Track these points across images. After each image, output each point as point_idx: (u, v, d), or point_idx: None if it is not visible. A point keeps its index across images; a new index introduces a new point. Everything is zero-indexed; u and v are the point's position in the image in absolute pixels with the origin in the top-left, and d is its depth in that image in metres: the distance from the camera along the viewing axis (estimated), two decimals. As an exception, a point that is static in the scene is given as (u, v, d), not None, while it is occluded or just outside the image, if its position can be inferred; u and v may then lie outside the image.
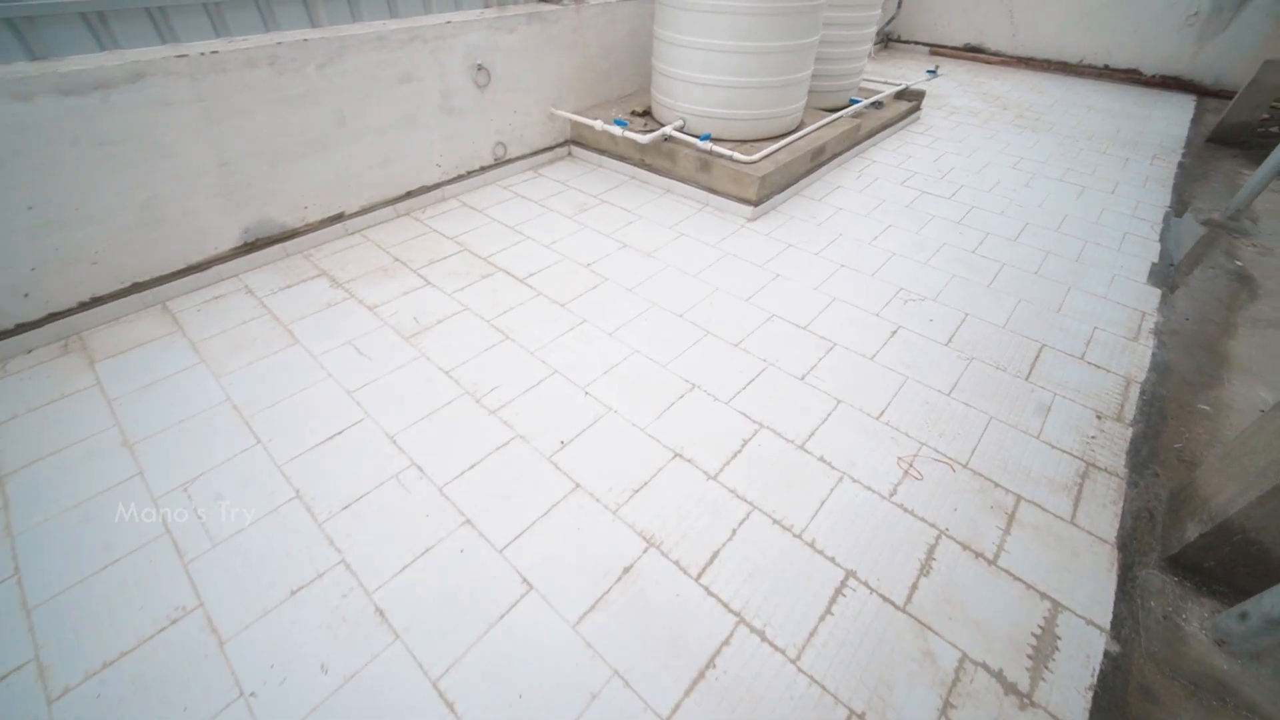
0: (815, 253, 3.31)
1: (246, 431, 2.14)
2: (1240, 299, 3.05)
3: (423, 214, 3.62)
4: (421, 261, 3.16)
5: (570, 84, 4.20)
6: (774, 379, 2.43)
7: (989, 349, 2.62)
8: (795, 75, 3.75)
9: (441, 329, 2.67)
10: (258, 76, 2.72)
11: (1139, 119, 5.74)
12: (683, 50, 3.65)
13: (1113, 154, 4.83)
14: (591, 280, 3.03)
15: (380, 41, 3.06)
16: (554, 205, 3.75)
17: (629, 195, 3.90)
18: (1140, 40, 6.79)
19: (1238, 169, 4.67)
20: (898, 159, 4.57)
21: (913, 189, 4.08)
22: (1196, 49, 6.54)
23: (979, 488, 2.00)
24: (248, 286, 2.92)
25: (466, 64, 3.50)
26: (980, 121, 5.49)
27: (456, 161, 3.77)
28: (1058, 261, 3.29)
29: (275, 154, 2.92)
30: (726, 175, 3.61)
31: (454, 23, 3.33)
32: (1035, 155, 4.73)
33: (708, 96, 3.73)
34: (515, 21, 3.62)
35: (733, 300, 2.90)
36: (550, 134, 4.28)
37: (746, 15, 3.38)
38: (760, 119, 3.82)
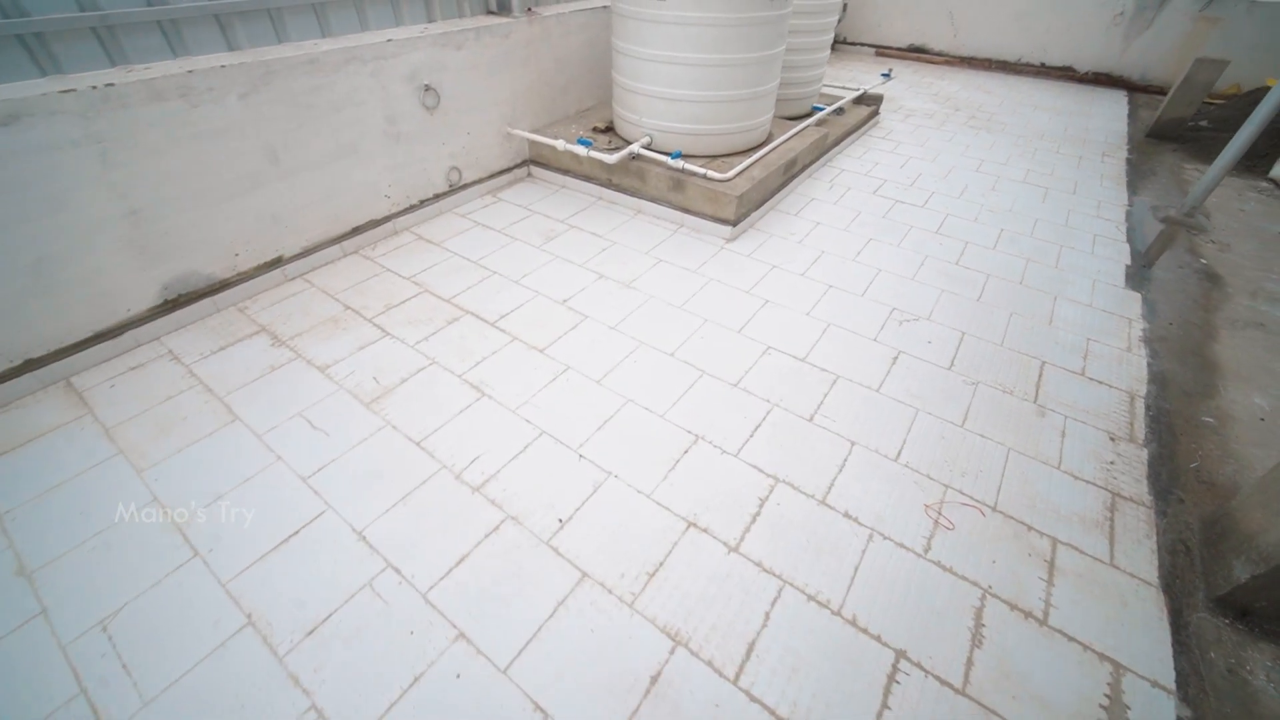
0: (801, 273, 3.17)
1: (180, 542, 1.79)
2: (1213, 299, 3.10)
3: (373, 251, 3.27)
4: (377, 308, 2.82)
5: (526, 100, 3.93)
6: (781, 422, 2.25)
7: (992, 370, 2.53)
8: (764, 87, 3.61)
9: (407, 389, 2.36)
10: (168, 110, 2.33)
11: (1081, 115, 5.94)
12: (646, 64, 3.44)
13: (1065, 153, 4.94)
14: (570, 319, 2.78)
15: (312, 65, 2.71)
16: (519, 234, 3.47)
17: (598, 218, 3.66)
18: (1073, 39, 7.06)
19: (1179, 163, 4.86)
20: (865, 166, 4.52)
21: (886, 198, 4.02)
22: (1124, 46, 6.85)
23: (1013, 533, 1.88)
24: (172, 351, 2.53)
25: (412, 85, 3.18)
26: (937, 124, 5.54)
27: (407, 191, 3.43)
28: (1038, 269, 3.27)
29: (196, 197, 2.53)
30: (701, 195, 3.43)
31: (395, 40, 3.01)
32: (995, 157, 4.78)
33: (675, 112, 3.54)
34: (463, 37, 3.32)
35: (724, 333, 2.71)
36: (507, 155, 3.99)
37: (714, 27, 3.20)
38: (730, 133, 3.66)
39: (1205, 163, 4.88)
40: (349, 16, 2.98)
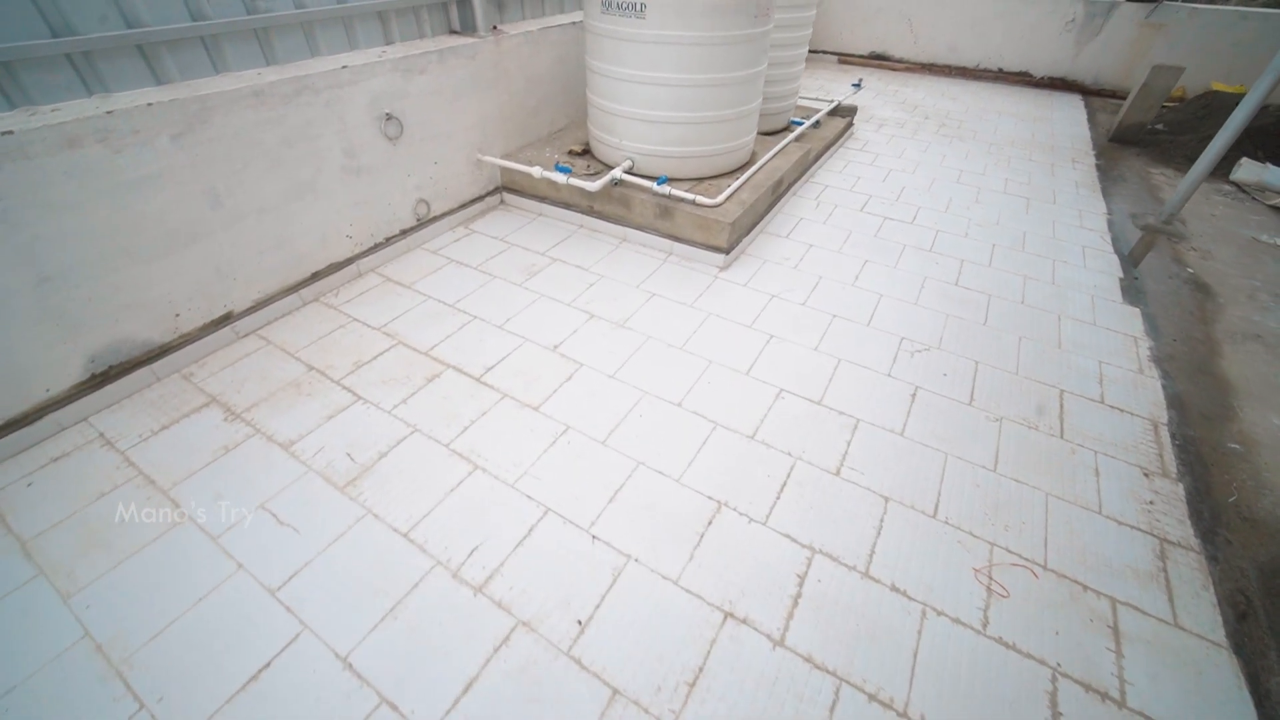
0: (801, 303, 3.01)
1: (121, 689, 1.48)
2: (1208, 310, 3.10)
3: (336, 298, 2.96)
4: (345, 366, 2.52)
5: (496, 124, 3.67)
6: (806, 478, 2.07)
7: (1012, 403, 2.42)
8: (749, 106, 3.46)
9: (387, 466, 2.08)
10: (85, 158, 2.00)
11: (1044, 121, 6.04)
12: (625, 85, 3.24)
13: (1038, 160, 4.98)
14: (564, 368, 2.55)
15: (257, 98, 2.40)
16: (498, 270, 3.21)
17: (582, 249, 3.43)
18: (1027, 45, 7.23)
19: (1145, 167, 4.97)
20: (848, 181, 4.43)
21: (874, 215, 3.93)
22: (1076, 52, 7.04)
23: (1069, 595, 1.74)
24: (104, 435, 2.17)
25: (372, 114, 2.89)
26: (909, 133, 5.53)
27: (371, 229, 3.13)
28: (1037, 286, 3.21)
29: (124, 254, 2.19)
30: (692, 222, 3.25)
31: (351, 67, 2.71)
32: (972, 167, 4.77)
33: (658, 134, 3.35)
34: (425, 60, 3.05)
35: (732, 375, 2.52)
36: (478, 183, 3.72)
37: (698, 45, 3.03)
38: (716, 154, 3.49)
39: (1168, 166, 5.01)
40: (296, 42, 2.67)
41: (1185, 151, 5.15)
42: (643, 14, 2.96)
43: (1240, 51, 6.28)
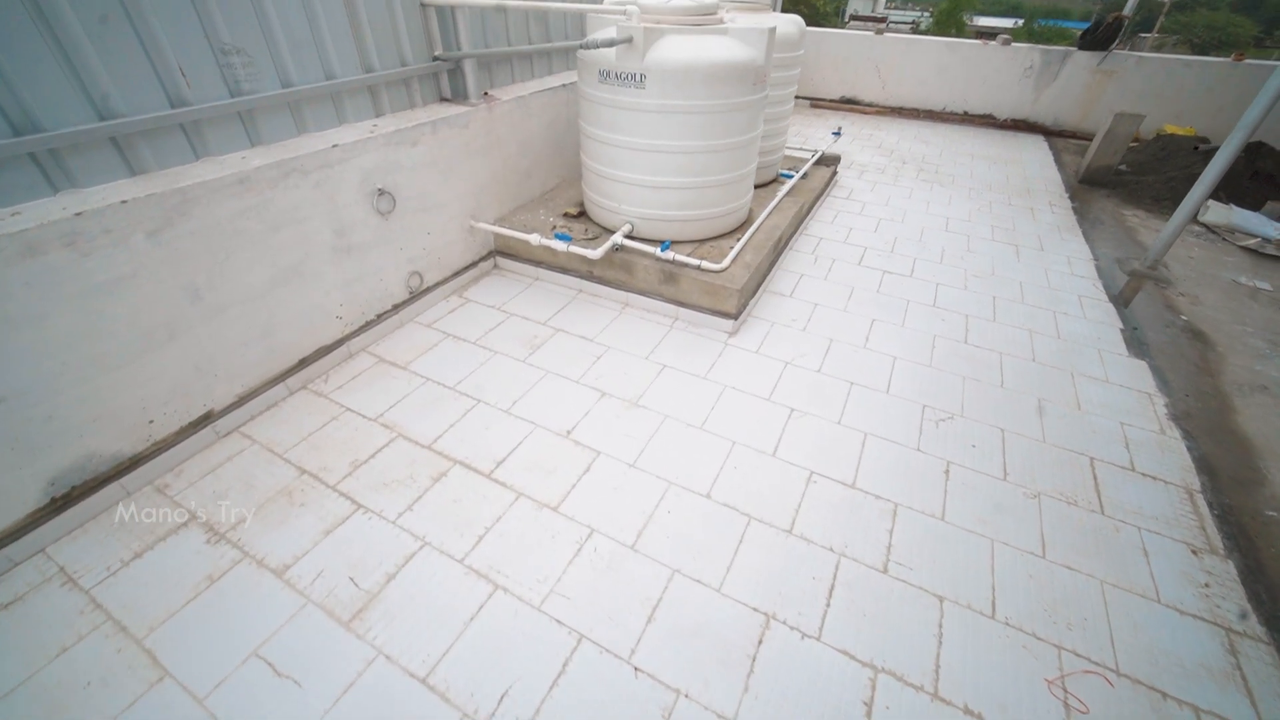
0: (817, 369, 2.94)
1: None
2: (1210, 361, 3.13)
3: (325, 384, 2.75)
4: (341, 467, 2.31)
5: (489, 190, 3.57)
6: (854, 579, 1.94)
7: (1046, 475, 2.36)
8: (747, 168, 3.44)
9: (397, 591, 1.87)
10: (48, 265, 1.80)
11: (1014, 163, 6.27)
12: (625, 152, 3.19)
13: (1017, 204, 5.12)
14: (580, 458, 2.39)
15: (242, 185, 2.24)
16: (498, 344, 3.05)
17: (583, 316, 3.31)
18: (990, 90, 7.57)
19: (1117, 209, 5.15)
20: (841, 233, 4.45)
21: (872, 269, 3.93)
22: (1036, 96, 7.40)
23: (1150, 705, 1.63)
24: (65, 569, 1.91)
25: (363, 191, 2.75)
26: (891, 179, 5.65)
27: (362, 307, 2.95)
28: (1045, 342, 3.21)
29: (91, 364, 1.97)
30: (698, 288, 3.17)
31: (342, 145, 2.58)
32: (957, 213, 4.87)
33: (658, 198, 3.29)
34: (418, 133, 2.94)
35: (758, 458, 2.40)
36: (472, 249, 3.59)
37: (698, 114, 3.00)
38: (716, 216, 3.45)
39: (1138, 207, 5.21)
40: (283, 121, 2.53)
41: (1151, 192, 5.38)
42: (642, 84, 2.92)
43: (1185, 95, 6.68)
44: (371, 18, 2.75)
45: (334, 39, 2.62)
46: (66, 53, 1.85)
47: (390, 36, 2.88)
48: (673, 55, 2.85)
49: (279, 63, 2.44)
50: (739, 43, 3.01)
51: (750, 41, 3.02)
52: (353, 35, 2.70)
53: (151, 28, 2.01)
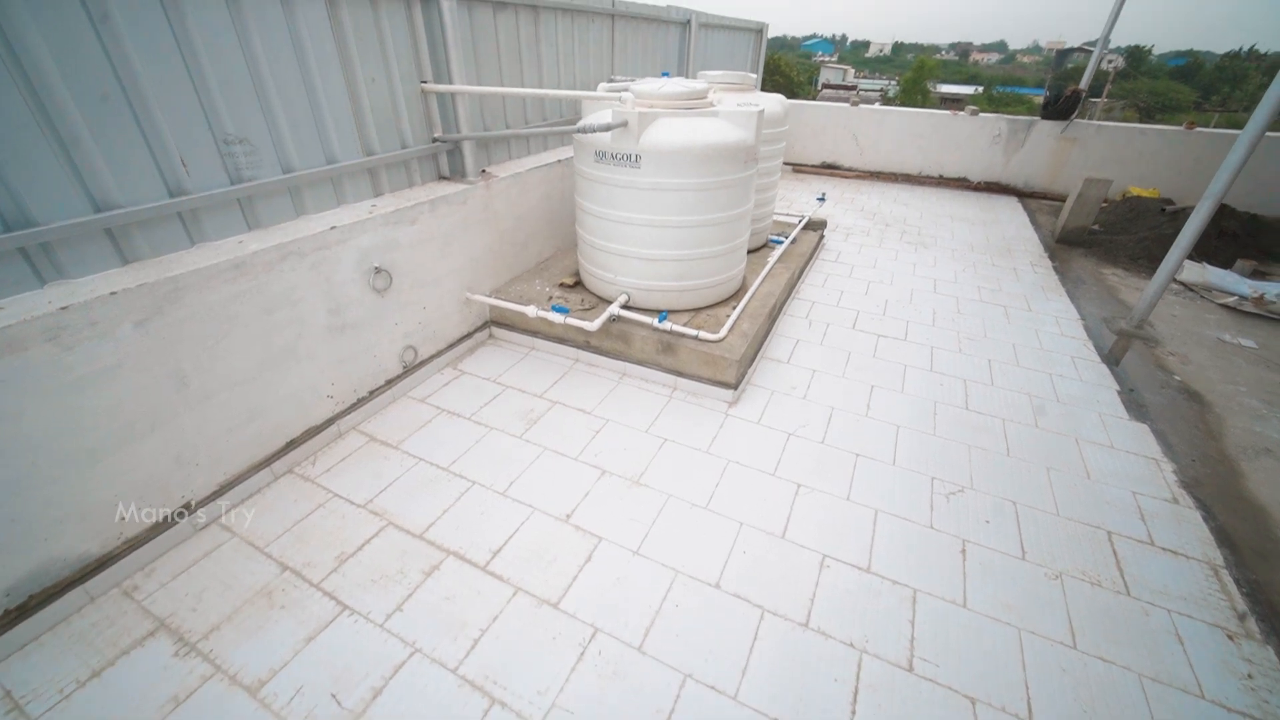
0: (820, 440, 2.88)
1: None
2: (1210, 423, 3.13)
3: (313, 467, 2.64)
4: (326, 562, 2.17)
5: (485, 262, 3.59)
6: (879, 680, 1.81)
7: (1066, 553, 2.28)
8: (740, 239, 3.51)
9: (383, 711, 1.70)
10: (27, 362, 1.72)
11: (992, 224, 6.51)
12: (620, 226, 3.24)
13: (1000, 265, 5.26)
14: (581, 545, 2.27)
15: (237, 270, 2.21)
16: (493, 420, 2.98)
17: (581, 388, 3.26)
18: (963, 155, 7.97)
19: (1096, 268, 5.31)
20: (832, 296, 4.52)
21: (866, 332, 3.96)
22: (1006, 160, 7.80)
23: (1212, 826, 1.49)
24: (10, 693, 1.72)
25: (360, 270, 2.74)
26: (876, 241, 5.81)
27: (354, 384, 2.88)
28: (1045, 405, 3.20)
29: (64, 462, 1.86)
30: (696, 358, 3.15)
31: (340, 227, 2.59)
32: (943, 275, 4.99)
33: (654, 270, 3.33)
34: (416, 211, 2.97)
35: (767, 541, 2.30)
36: (467, 320, 3.57)
37: (691, 191, 3.08)
38: (712, 285, 3.48)
39: (1116, 266, 5.37)
40: (282, 205, 2.54)
41: (1126, 251, 5.58)
42: (638, 164, 3.01)
43: (1145, 160, 7.08)
44: (374, 104, 2.83)
45: (336, 125, 2.68)
46: (64, 142, 1.84)
47: (390, 121, 2.96)
48: (666, 137, 2.95)
49: (281, 149, 2.48)
50: (730, 124, 3.13)
51: (740, 123, 3.15)
52: (354, 121, 2.77)
53: (154, 119, 2.03)
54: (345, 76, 2.66)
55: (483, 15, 3.39)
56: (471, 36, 3.35)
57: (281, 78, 2.39)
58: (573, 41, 4.27)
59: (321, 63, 2.54)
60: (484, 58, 3.49)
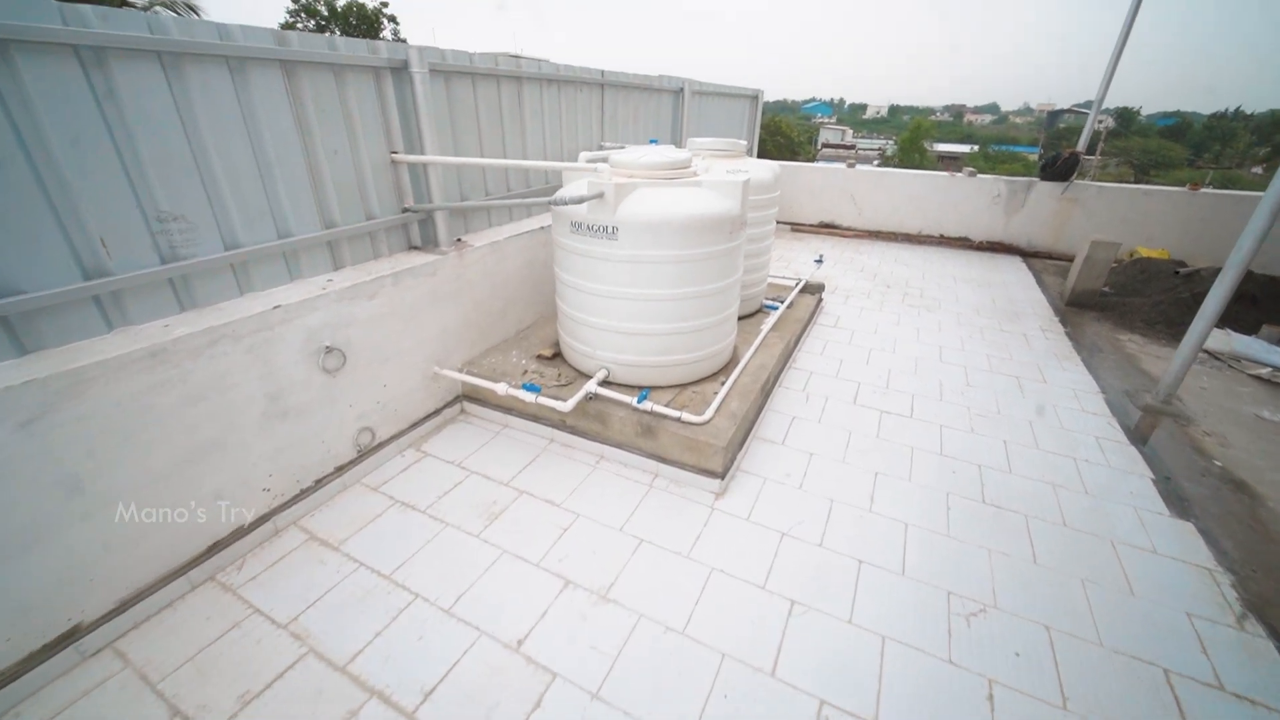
0: (818, 542, 2.53)
1: None
2: (1262, 518, 2.75)
3: (238, 573, 2.32)
4: (226, 705, 1.82)
5: (457, 333, 3.38)
6: None
7: (1116, 702, 1.88)
8: (728, 311, 3.28)
9: None
10: None
11: (997, 285, 6.30)
12: (598, 299, 3.03)
13: (1009, 330, 5.00)
14: (531, 684, 1.90)
15: (154, 359, 1.99)
16: (451, 514, 2.66)
17: (553, 474, 2.96)
18: (963, 215, 7.89)
19: (1112, 334, 5.03)
20: (831, 365, 4.24)
21: (869, 408, 3.66)
22: (1007, 220, 7.70)
23: None
24: None
25: (308, 350, 2.52)
26: (876, 304, 5.60)
27: (297, 474, 2.60)
28: (1071, 499, 2.84)
29: (-91, 592, 1.57)
30: (679, 443, 2.85)
31: (286, 306, 2.38)
32: (949, 342, 4.72)
33: (634, 345, 3.09)
34: (377, 285, 2.78)
35: (753, 679, 1.92)
36: (435, 395, 3.32)
37: (673, 264, 2.88)
38: (698, 360, 3.23)
39: (1133, 331, 5.09)
40: (223, 283, 2.35)
41: (1141, 315, 5.31)
42: (615, 236, 2.83)
43: (1151, 220, 6.93)
44: (336, 176, 2.70)
45: (291, 199, 2.53)
46: (-39, 231, 1.66)
47: (355, 193, 2.82)
48: (645, 209, 2.78)
49: (225, 226, 2.31)
50: (714, 194, 2.97)
51: (725, 193, 2.99)
52: (313, 194, 2.62)
53: (70, 195, 1.86)
54: (304, 149, 2.54)
55: (461, 87, 3.33)
56: (449, 107, 3.28)
57: (229, 153, 2.25)
58: (559, 110, 4.23)
59: (277, 137, 2.41)
60: (463, 127, 3.41)
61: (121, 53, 1.89)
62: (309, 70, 2.48)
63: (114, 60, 1.88)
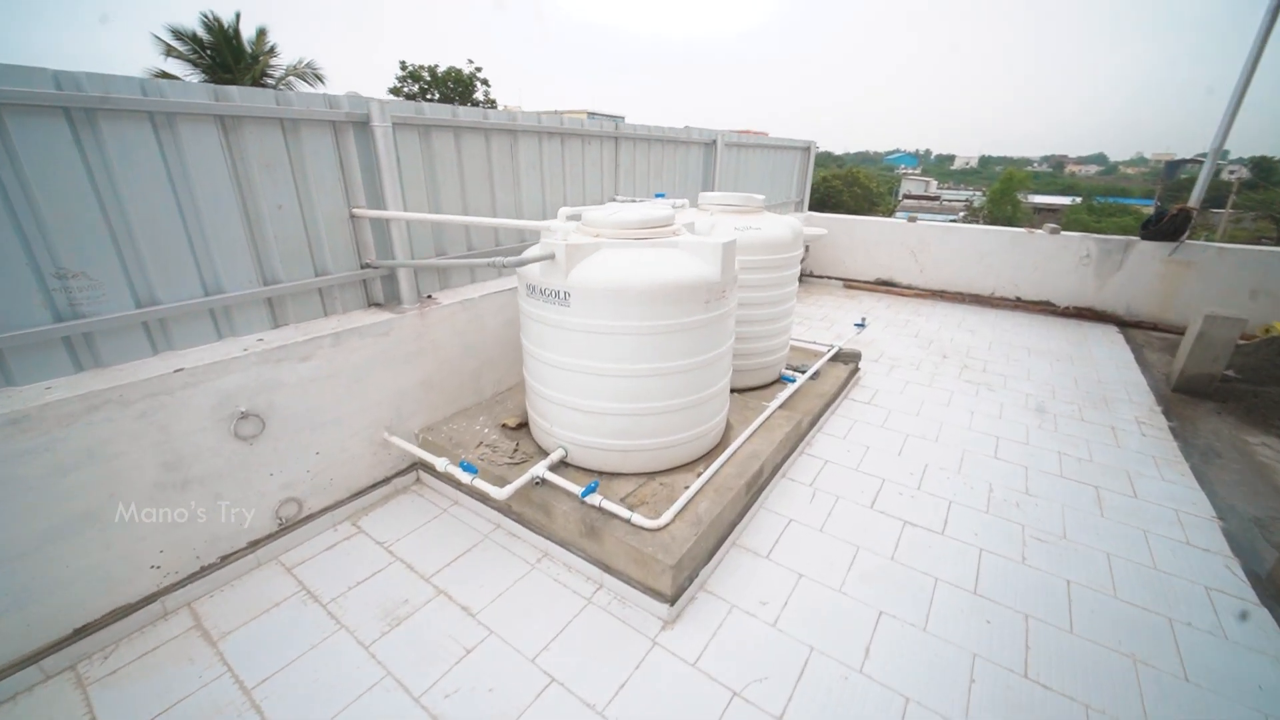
0: (779, 714, 1.91)
1: None
2: None
3: (103, 664, 2.06)
4: None
5: (417, 397, 3.12)
6: None
7: None
8: (710, 390, 2.80)
9: None
10: None
11: (1083, 362, 5.31)
12: (554, 370, 2.67)
13: (1092, 421, 4.08)
14: None
15: (16, 426, 1.82)
16: (350, 613, 2.30)
17: (483, 571, 2.54)
18: (1043, 276, 6.91)
19: (1237, 434, 3.98)
20: (853, 454, 3.58)
21: (889, 516, 2.97)
22: (1099, 284, 6.63)
23: None
24: None
25: (218, 416, 2.32)
26: (926, 377, 4.83)
27: (197, 550, 2.36)
28: (1163, 689, 2.03)
29: None
30: (625, 552, 2.36)
31: (192, 369, 2.20)
32: (1010, 431, 3.90)
33: (593, 424, 2.67)
34: (311, 347, 2.58)
35: None
36: (385, 464, 3.05)
37: (635, 335, 2.47)
38: (668, 447, 2.75)
39: (1266, 433, 4.00)
40: (133, 342, 2.22)
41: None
42: (566, 302, 2.47)
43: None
44: (279, 232, 2.57)
45: (224, 256, 2.40)
46: None
47: (302, 248, 2.68)
48: (602, 273, 2.42)
49: (139, 282, 2.20)
50: (690, 257, 2.57)
51: (703, 256, 2.57)
52: (252, 250, 2.49)
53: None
54: (242, 205, 2.42)
55: (441, 140, 3.19)
56: (425, 161, 3.14)
57: (148, 208, 2.15)
58: (561, 164, 4.04)
59: (209, 192, 2.31)
60: (443, 181, 3.25)
61: (21, 108, 1.83)
62: (253, 125, 2.39)
63: (8, 116, 1.81)
